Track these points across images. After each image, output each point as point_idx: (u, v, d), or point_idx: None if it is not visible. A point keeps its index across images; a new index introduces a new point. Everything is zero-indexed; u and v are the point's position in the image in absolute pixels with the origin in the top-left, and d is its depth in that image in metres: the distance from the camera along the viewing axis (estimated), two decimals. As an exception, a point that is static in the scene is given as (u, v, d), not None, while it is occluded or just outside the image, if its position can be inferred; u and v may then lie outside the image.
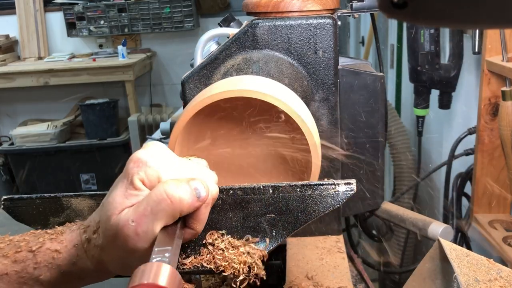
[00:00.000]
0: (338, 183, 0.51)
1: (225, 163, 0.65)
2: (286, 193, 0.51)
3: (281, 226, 0.52)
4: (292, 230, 0.52)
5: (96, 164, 3.85)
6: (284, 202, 0.52)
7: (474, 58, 1.45)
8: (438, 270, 0.59)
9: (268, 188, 0.51)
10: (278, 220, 0.52)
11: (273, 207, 0.52)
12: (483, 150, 1.26)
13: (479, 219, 1.29)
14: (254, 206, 0.52)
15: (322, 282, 0.71)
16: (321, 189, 0.51)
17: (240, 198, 0.52)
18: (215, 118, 0.63)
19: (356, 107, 0.78)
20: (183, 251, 0.52)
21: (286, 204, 0.52)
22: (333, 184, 0.51)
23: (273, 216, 0.52)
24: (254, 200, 0.52)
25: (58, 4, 4.01)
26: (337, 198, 0.51)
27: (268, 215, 0.52)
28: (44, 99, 4.21)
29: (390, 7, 0.28)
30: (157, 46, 4.21)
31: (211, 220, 0.51)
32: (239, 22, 0.87)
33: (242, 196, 0.52)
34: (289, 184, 0.52)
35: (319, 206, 0.51)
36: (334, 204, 0.51)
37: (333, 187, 0.51)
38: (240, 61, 0.71)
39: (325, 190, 0.51)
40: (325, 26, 0.73)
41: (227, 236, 0.52)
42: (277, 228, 0.52)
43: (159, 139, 2.35)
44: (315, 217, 0.52)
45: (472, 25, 0.28)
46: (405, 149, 1.96)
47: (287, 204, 0.52)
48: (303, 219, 0.52)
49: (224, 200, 0.52)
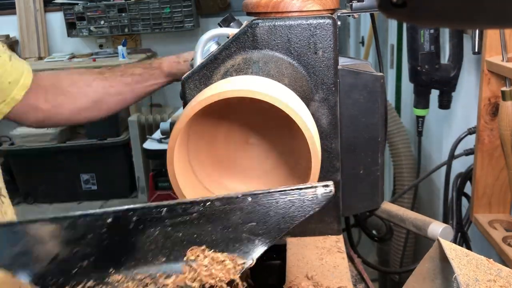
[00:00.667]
0: (316, 185, 0.51)
1: (225, 163, 0.65)
2: (265, 200, 0.50)
3: (263, 235, 0.51)
4: (275, 238, 0.51)
5: (96, 164, 3.86)
6: (264, 209, 0.50)
7: (474, 58, 1.45)
8: (438, 270, 0.59)
9: (247, 196, 0.49)
10: (260, 228, 0.50)
11: (254, 216, 0.50)
12: (483, 150, 1.26)
13: (479, 219, 1.29)
14: (234, 216, 0.50)
15: (322, 282, 0.71)
16: (300, 193, 0.50)
17: (218, 210, 0.49)
18: (215, 118, 0.63)
19: (356, 107, 0.78)
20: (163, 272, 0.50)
21: (266, 211, 0.50)
22: (311, 187, 0.50)
23: (254, 225, 0.50)
24: (233, 210, 0.50)
25: (58, 4, 4.01)
26: (316, 201, 0.50)
27: (249, 224, 0.50)
28: (44, 99, 4.21)
29: (389, 7, 0.29)
30: (157, 46, 4.21)
31: (189, 235, 0.49)
32: (239, 22, 0.87)
33: (220, 207, 0.49)
34: (267, 191, 0.50)
35: (299, 210, 0.50)
36: (314, 208, 0.50)
37: (312, 190, 0.50)
38: (240, 61, 0.71)
39: (304, 194, 0.50)
40: (325, 26, 0.73)
41: (208, 251, 0.50)
42: (259, 236, 0.51)
43: (159, 139, 2.35)
44: (296, 221, 0.51)
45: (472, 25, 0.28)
46: (405, 149, 1.96)
47: (268, 211, 0.50)
48: (285, 225, 0.51)
49: (202, 212, 0.49)
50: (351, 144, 0.80)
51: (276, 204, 0.50)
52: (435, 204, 1.89)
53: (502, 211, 1.30)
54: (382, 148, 0.82)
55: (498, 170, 1.26)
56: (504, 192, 1.28)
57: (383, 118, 0.81)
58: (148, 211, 0.49)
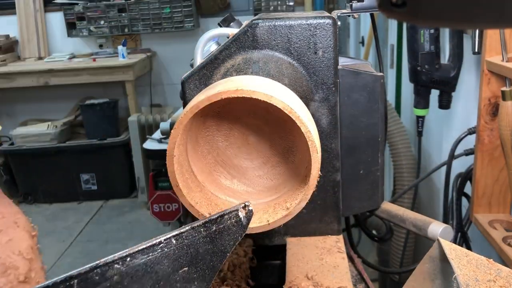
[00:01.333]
0: (236, 208, 0.49)
1: (225, 163, 0.65)
2: (191, 238, 0.45)
3: (199, 277, 0.46)
4: (212, 277, 0.47)
5: (96, 164, 3.86)
6: (192, 249, 0.45)
7: (474, 58, 1.45)
8: (438, 270, 0.59)
9: (170, 239, 0.44)
10: (194, 272, 0.46)
11: (183, 259, 0.45)
12: (483, 150, 1.26)
13: (479, 219, 1.29)
14: (162, 267, 0.44)
15: (322, 282, 0.71)
16: (225, 220, 0.47)
17: (142, 263, 0.43)
18: (215, 118, 0.63)
19: (356, 107, 0.78)
20: None
21: (195, 250, 0.45)
22: (233, 211, 0.48)
23: (186, 270, 0.45)
24: (159, 259, 0.44)
25: (58, 4, 4.02)
26: (241, 224, 0.48)
27: (181, 271, 0.45)
28: (44, 99, 4.22)
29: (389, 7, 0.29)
30: (157, 46, 4.22)
31: None
32: (239, 22, 0.87)
33: (143, 259, 0.43)
34: (191, 226, 0.46)
35: (228, 239, 0.47)
36: (241, 233, 0.48)
37: (234, 214, 0.48)
38: (240, 61, 0.71)
39: (228, 220, 0.48)
40: (325, 26, 0.73)
41: None
42: (195, 281, 0.46)
43: (159, 139, 2.35)
44: (228, 252, 0.47)
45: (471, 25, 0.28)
46: (405, 149, 1.96)
47: (197, 249, 0.45)
48: (218, 261, 0.47)
49: (123, 272, 0.42)
50: (351, 144, 0.80)
51: (203, 239, 0.46)
52: (435, 204, 1.89)
53: (502, 211, 1.30)
54: (382, 148, 0.82)
55: (498, 170, 1.26)
56: (504, 192, 1.28)
57: (383, 118, 0.81)
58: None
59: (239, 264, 0.80)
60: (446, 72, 1.45)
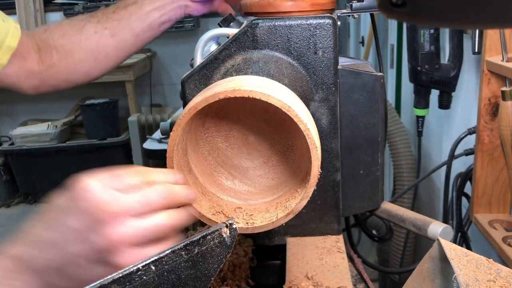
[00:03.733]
0: (220, 227, 0.46)
1: (225, 163, 0.65)
2: (172, 263, 0.42)
3: None
4: None
5: (96, 164, 3.82)
6: (174, 275, 0.42)
7: (474, 58, 1.45)
8: (438, 270, 0.59)
9: (149, 265, 0.41)
10: None
11: (165, 287, 0.41)
12: (483, 150, 1.26)
13: (479, 219, 1.29)
14: None
15: (322, 282, 0.71)
16: (207, 241, 0.44)
17: None
18: (215, 118, 0.63)
19: (356, 107, 0.78)
20: None
21: (177, 276, 0.42)
22: (216, 231, 0.45)
23: None
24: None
25: (58, 4, 4.01)
26: (225, 245, 0.46)
27: None
28: (44, 99, 4.21)
29: (389, 7, 0.29)
30: (157, 46, 4.21)
31: None
32: (239, 22, 0.87)
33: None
34: (171, 250, 0.42)
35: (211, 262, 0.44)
36: (225, 254, 0.45)
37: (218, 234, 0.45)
38: (240, 61, 0.71)
39: (212, 240, 0.45)
40: (325, 26, 0.73)
41: None
42: None
43: (159, 139, 2.35)
44: (212, 276, 0.45)
45: (471, 25, 0.28)
46: (405, 149, 1.96)
47: (178, 276, 0.42)
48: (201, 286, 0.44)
49: None
50: (351, 144, 0.80)
51: (185, 263, 0.42)
52: (435, 204, 1.89)
53: (502, 211, 1.30)
54: (382, 148, 0.82)
55: (498, 170, 1.26)
56: (504, 192, 1.28)
57: (383, 118, 0.81)
58: None
59: (239, 264, 0.80)
60: (446, 72, 1.45)
